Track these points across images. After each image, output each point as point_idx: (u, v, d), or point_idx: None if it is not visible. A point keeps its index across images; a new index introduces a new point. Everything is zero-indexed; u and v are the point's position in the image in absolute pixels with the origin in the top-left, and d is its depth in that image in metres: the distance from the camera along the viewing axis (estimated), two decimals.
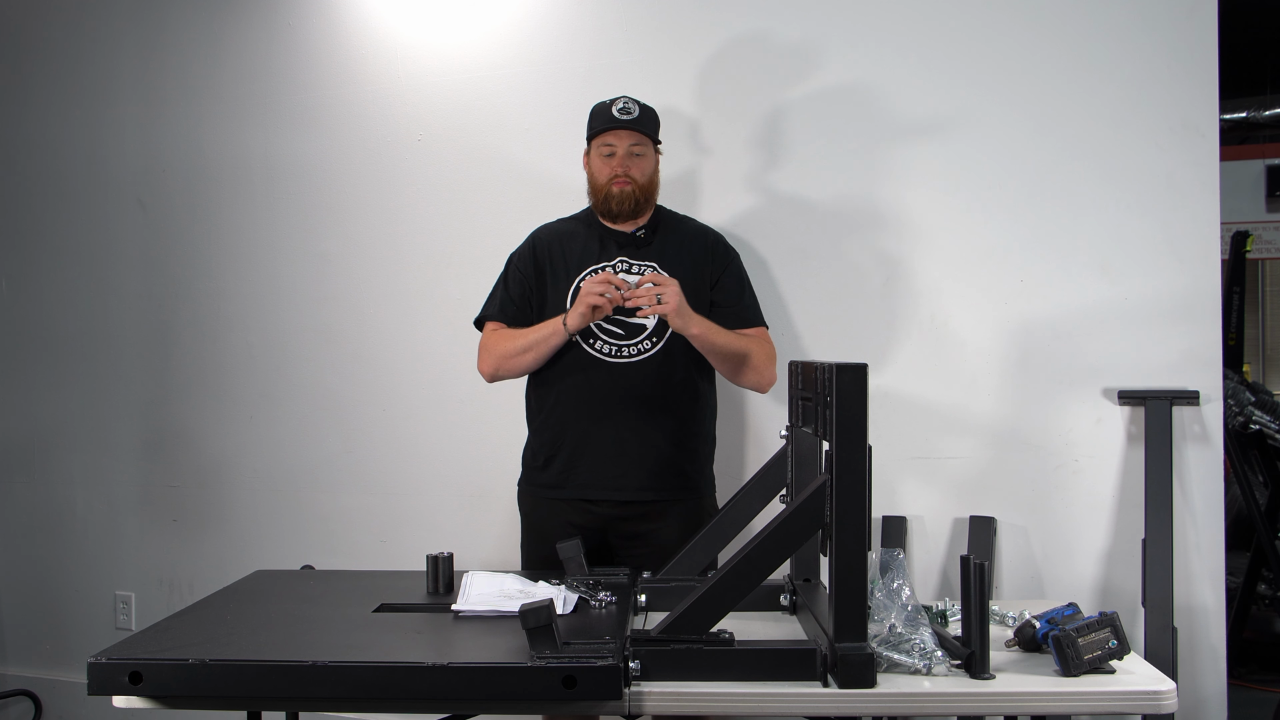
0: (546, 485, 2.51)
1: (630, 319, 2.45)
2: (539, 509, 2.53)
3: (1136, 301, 2.67)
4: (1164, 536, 2.56)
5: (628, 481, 2.44)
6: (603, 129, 2.49)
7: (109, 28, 3.53)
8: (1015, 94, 2.74)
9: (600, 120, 2.51)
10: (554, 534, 2.36)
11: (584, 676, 1.60)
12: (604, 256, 2.51)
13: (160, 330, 3.49)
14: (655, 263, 2.50)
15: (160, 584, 3.51)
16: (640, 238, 2.52)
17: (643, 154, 2.50)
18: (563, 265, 2.52)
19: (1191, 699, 2.61)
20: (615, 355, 2.46)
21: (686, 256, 2.53)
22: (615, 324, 2.46)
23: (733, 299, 2.54)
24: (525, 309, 2.54)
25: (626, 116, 2.47)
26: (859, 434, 1.69)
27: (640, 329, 2.46)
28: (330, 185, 3.30)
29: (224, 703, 1.70)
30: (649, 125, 2.51)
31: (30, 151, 3.63)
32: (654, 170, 2.53)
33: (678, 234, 2.57)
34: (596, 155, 2.51)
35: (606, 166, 2.49)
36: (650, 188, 2.52)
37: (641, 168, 2.49)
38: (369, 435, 3.27)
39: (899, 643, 1.73)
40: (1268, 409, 3.79)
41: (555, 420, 2.50)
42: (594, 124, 2.52)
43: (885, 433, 2.76)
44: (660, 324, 2.44)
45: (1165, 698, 1.67)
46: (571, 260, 2.52)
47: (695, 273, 2.51)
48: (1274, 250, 6.96)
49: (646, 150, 2.51)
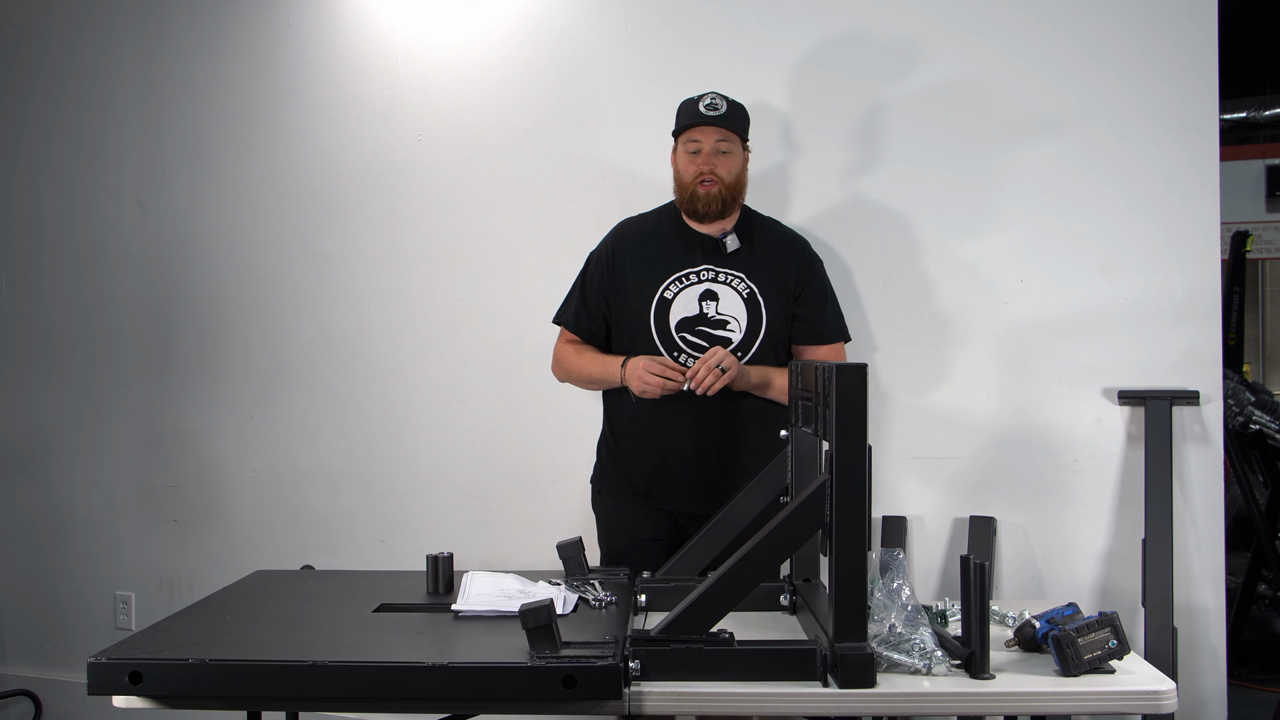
0: (628, 488, 2.49)
1: (716, 331, 2.41)
2: (621, 508, 2.51)
3: (1136, 301, 2.67)
4: (1164, 536, 2.56)
5: (712, 495, 2.40)
6: (689, 125, 2.41)
7: (109, 28, 3.53)
8: (1015, 93, 2.74)
9: (686, 116, 2.42)
10: (634, 532, 2.44)
11: (584, 676, 1.60)
12: (689, 263, 2.44)
13: (160, 330, 3.49)
14: (743, 273, 2.42)
15: (160, 584, 3.51)
16: (726, 244, 2.43)
17: (730, 151, 2.40)
18: (645, 270, 2.45)
19: (1191, 699, 2.61)
20: None
21: (773, 266, 2.45)
22: (698, 334, 2.41)
23: (814, 314, 2.47)
24: (600, 320, 2.50)
25: (713, 113, 2.38)
26: (859, 434, 1.69)
27: (727, 342, 2.40)
28: (330, 185, 3.29)
29: (224, 703, 1.70)
30: (737, 122, 2.42)
31: (30, 151, 3.63)
32: (742, 169, 2.44)
33: (765, 241, 2.48)
34: (682, 152, 2.43)
35: (692, 164, 2.40)
36: (738, 187, 2.43)
37: (728, 166, 2.40)
38: (369, 435, 3.27)
39: (899, 643, 1.73)
40: (1268, 409, 3.79)
41: (635, 432, 2.47)
42: (680, 119, 2.44)
43: (885, 433, 2.78)
44: (746, 338, 2.41)
45: (1165, 698, 1.67)
46: (655, 265, 2.45)
47: (782, 283, 2.44)
48: (1274, 250, 6.96)
49: (734, 148, 2.42)
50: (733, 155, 2.41)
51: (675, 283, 2.43)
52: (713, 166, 2.39)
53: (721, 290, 2.42)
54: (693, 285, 2.43)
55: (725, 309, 2.42)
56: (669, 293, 2.43)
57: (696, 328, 2.41)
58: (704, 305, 2.42)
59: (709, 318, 2.41)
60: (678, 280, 2.43)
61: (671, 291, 2.43)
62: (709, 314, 2.42)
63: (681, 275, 2.43)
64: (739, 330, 2.40)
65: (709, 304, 2.42)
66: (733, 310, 2.42)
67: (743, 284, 2.42)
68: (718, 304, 2.42)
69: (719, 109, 2.39)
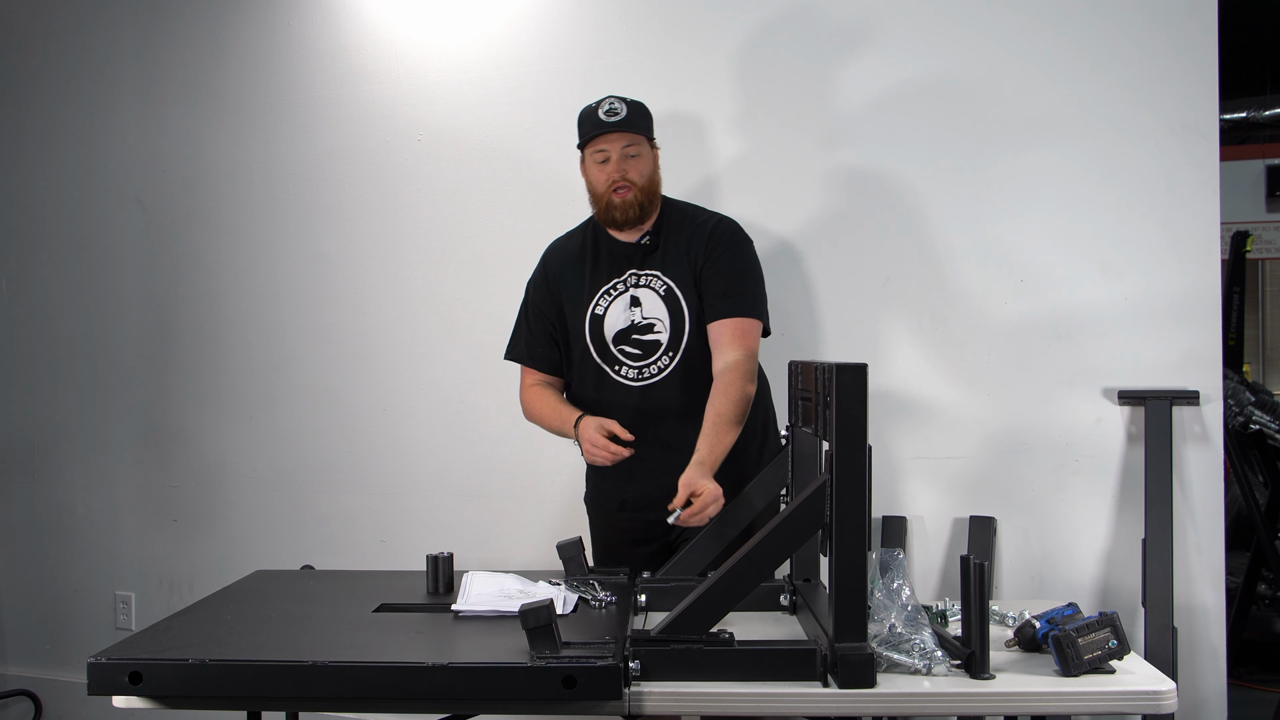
0: (605, 503, 2.49)
1: (644, 336, 2.39)
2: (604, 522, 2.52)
3: (1136, 301, 2.67)
4: (1164, 536, 2.56)
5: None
6: (592, 135, 2.36)
7: (110, 29, 3.53)
8: (1015, 93, 2.74)
9: (588, 125, 2.37)
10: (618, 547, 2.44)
11: (584, 676, 1.60)
12: (614, 274, 2.42)
13: (160, 330, 3.49)
14: (658, 270, 2.39)
15: (160, 584, 3.51)
16: (646, 245, 2.41)
17: (638, 154, 2.36)
18: (576, 291, 2.44)
19: (1191, 699, 2.61)
20: (640, 378, 2.39)
21: (684, 255, 2.40)
22: (632, 344, 2.39)
23: (715, 288, 2.35)
24: (551, 345, 2.46)
25: (614, 118, 2.33)
26: (859, 434, 1.69)
27: (656, 345, 2.38)
28: (330, 185, 3.30)
29: (224, 703, 1.70)
30: (640, 123, 2.37)
31: (30, 151, 3.63)
32: (653, 169, 2.40)
33: (680, 235, 2.42)
34: (591, 163, 2.38)
35: (603, 173, 2.36)
36: (652, 188, 2.38)
37: (639, 169, 2.36)
38: (369, 435, 3.27)
39: (899, 643, 1.73)
40: (1268, 409, 3.79)
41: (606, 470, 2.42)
42: (583, 130, 2.39)
43: (885, 433, 2.77)
44: (674, 337, 2.37)
45: (1165, 698, 1.67)
46: (584, 284, 2.43)
47: (692, 268, 2.39)
48: (1274, 250, 6.97)
49: (642, 149, 2.37)
50: (641, 157, 2.36)
51: (604, 296, 2.41)
52: (624, 172, 2.34)
53: (643, 294, 2.39)
54: (620, 295, 2.41)
55: (649, 312, 2.39)
56: (599, 308, 2.41)
57: (631, 337, 2.38)
58: (632, 312, 2.40)
59: (636, 325, 2.38)
60: (605, 294, 2.41)
61: (601, 306, 2.41)
62: (636, 321, 2.39)
63: (609, 288, 2.41)
64: (665, 329, 2.37)
65: (635, 310, 2.40)
66: (655, 312, 2.39)
67: (659, 282, 2.39)
68: (641, 309, 2.39)
69: (619, 113, 2.33)
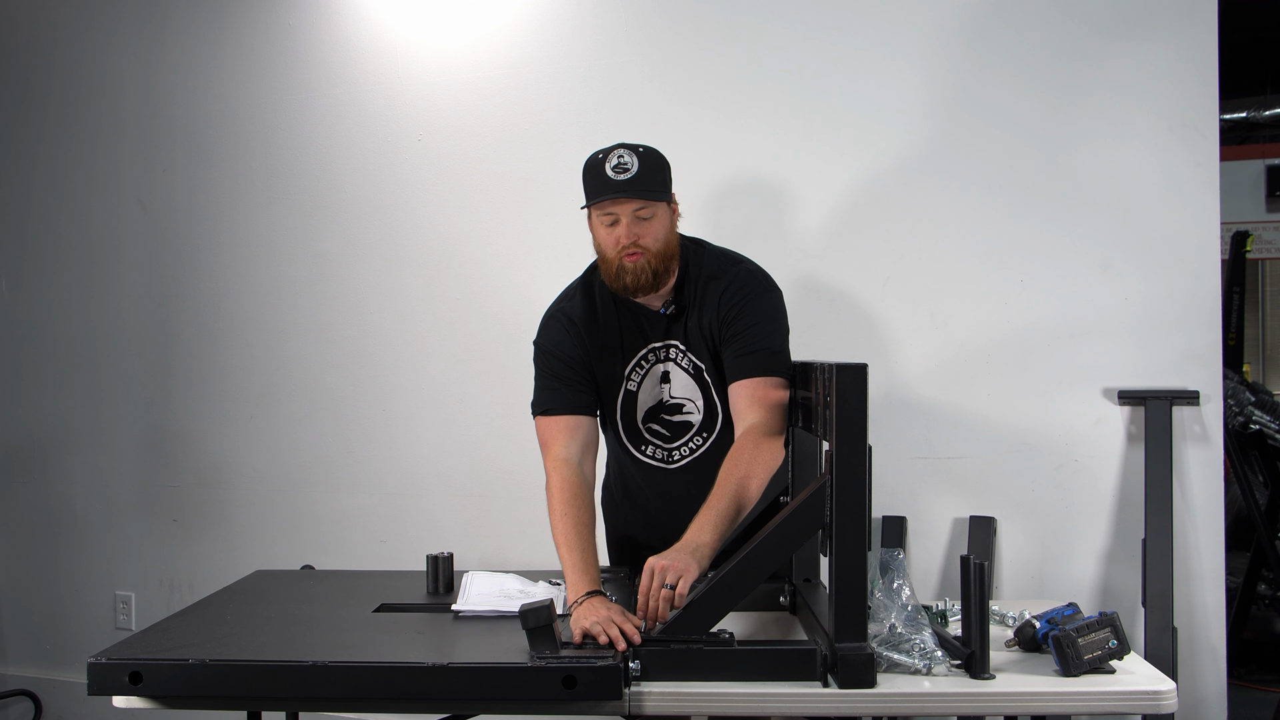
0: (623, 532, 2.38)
1: (673, 417, 2.19)
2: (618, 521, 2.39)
3: (1136, 301, 2.67)
4: (1164, 536, 2.56)
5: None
6: (597, 199, 2.05)
7: (109, 28, 3.53)
8: (1015, 93, 2.74)
9: (595, 183, 2.05)
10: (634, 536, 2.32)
11: (584, 677, 1.60)
12: (640, 344, 2.16)
13: (160, 330, 3.49)
14: (681, 342, 2.15)
15: (160, 584, 3.51)
16: (672, 315, 2.15)
17: (652, 216, 2.05)
18: (605, 364, 2.17)
19: (1191, 699, 2.61)
20: (668, 460, 2.21)
21: (703, 335, 2.14)
22: (661, 424, 2.20)
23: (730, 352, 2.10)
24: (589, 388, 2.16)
25: (623, 175, 2.01)
26: (859, 434, 1.69)
27: (688, 426, 2.18)
28: (330, 185, 3.30)
29: (224, 703, 1.70)
30: (653, 181, 2.05)
31: (30, 151, 3.63)
32: (669, 229, 2.09)
33: (699, 298, 2.14)
34: (598, 224, 2.07)
35: (610, 236, 2.05)
36: (668, 250, 2.08)
37: (653, 233, 2.05)
38: (369, 435, 3.27)
39: (899, 643, 1.73)
40: (1268, 409, 3.79)
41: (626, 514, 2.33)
42: (589, 187, 2.07)
43: (885, 433, 2.76)
44: (707, 418, 2.17)
45: (1165, 698, 1.67)
46: (615, 357, 2.17)
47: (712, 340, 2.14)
48: (1274, 250, 6.96)
49: (656, 209, 2.06)
50: (656, 219, 2.06)
51: (635, 370, 2.18)
52: (635, 238, 2.03)
53: (672, 369, 2.17)
54: (650, 368, 2.19)
55: (678, 391, 2.18)
56: (632, 384, 2.19)
57: (660, 416, 2.19)
58: (661, 389, 2.19)
59: (665, 404, 2.18)
60: (637, 367, 2.18)
61: (634, 383, 2.19)
62: (665, 399, 2.19)
63: (639, 362, 2.17)
64: (697, 411, 2.17)
65: (665, 387, 2.19)
66: (685, 391, 2.18)
67: (684, 358, 2.16)
68: (671, 386, 2.19)
69: (629, 169, 2.02)
